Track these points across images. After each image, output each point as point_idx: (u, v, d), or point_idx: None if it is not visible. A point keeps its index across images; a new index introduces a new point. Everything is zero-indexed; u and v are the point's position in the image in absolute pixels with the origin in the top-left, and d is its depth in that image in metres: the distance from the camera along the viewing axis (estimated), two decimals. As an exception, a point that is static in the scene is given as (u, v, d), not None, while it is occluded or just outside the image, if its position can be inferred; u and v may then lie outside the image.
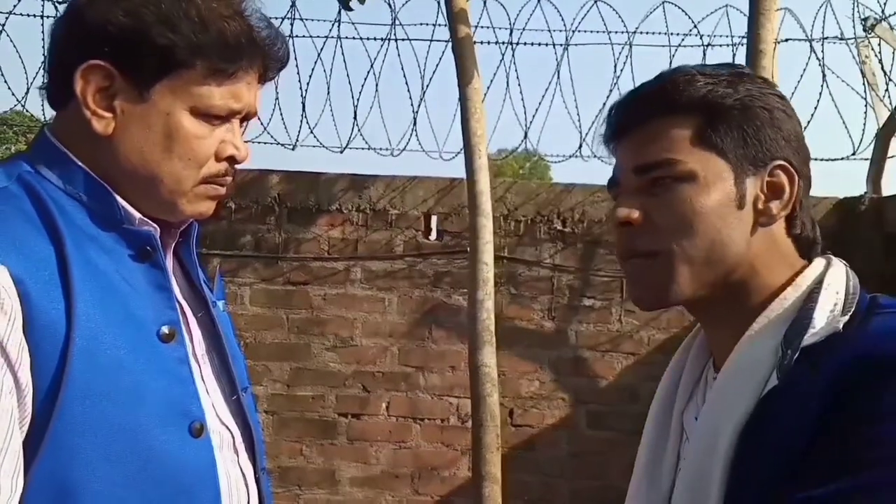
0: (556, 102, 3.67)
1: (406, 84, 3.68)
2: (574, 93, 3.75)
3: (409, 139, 3.74)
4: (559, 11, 3.67)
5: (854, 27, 3.57)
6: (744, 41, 2.84)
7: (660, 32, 3.67)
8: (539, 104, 3.69)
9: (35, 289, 0.81)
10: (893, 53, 3.51)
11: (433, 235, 3.55)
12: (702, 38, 3.70)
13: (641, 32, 3.65)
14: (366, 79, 3.70)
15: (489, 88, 3.42)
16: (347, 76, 3.68)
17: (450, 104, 3.17)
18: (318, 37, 3.69)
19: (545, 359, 3.52)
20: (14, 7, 3.62)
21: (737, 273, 0.85)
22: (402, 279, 3.54)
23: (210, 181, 0.96)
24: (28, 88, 3.59)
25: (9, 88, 3.65)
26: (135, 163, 0.92)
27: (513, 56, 3.72)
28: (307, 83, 3.66)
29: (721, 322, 0.88)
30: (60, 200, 0.89)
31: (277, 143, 3.79)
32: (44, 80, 0.98)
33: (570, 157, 3.85)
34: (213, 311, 1.04)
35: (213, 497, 0.93)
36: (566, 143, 3.93)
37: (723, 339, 0.87)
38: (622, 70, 3.62)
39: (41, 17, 3.64)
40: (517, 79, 3.76)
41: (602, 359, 3.51)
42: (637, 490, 0.96)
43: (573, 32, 3.65)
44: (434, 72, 3.69)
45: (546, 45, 3.69)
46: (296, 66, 3.49)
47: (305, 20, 3.72)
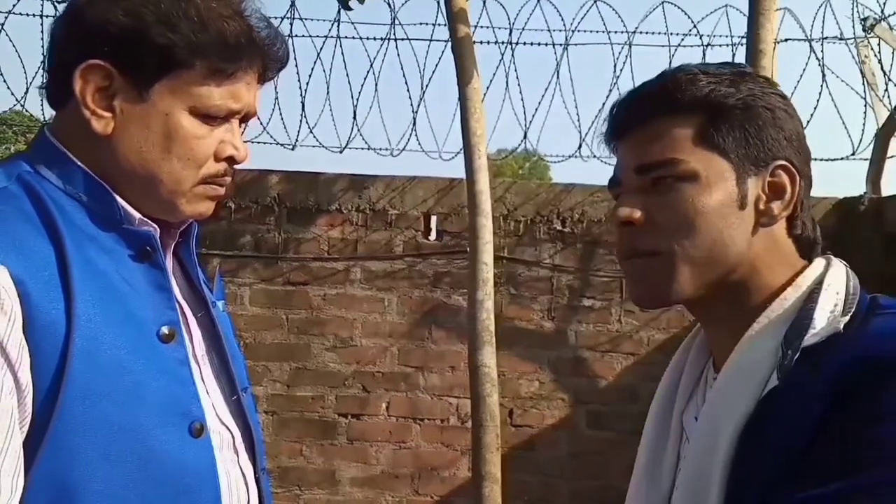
0: (556, 102, 3.68)
1: (406, 84, 3.68)
2: (574, 93, 3.75)
3: (409, 139, 3.75)
4: (559, 11, 3.67)
5: (854, 27, 3.58)
6: (743, 41, 2.84)
7: (659, 32, 3.68)
8: (539, 104, 3.70)
9: (35, 289, 0.80)
10: (893, 53, 3.51)
11: (433, 235, 3.55)
12: (701, 38, 3.71)
13: (641, 32, 3.66)
14: (365, 79, 3.70)
15: (489, 88, 3.42)
16: (347, 76, 3.69)
17: (449, 104, 3.17)
18: (318, 36, 3.69)
19: (545, 359, 3.52)
20: (13, 6, 3.62)
21: (737, 273, 0.85)
22: (402, 279, 3.54)
23: (209, 181, 0.96)
24: (27, 88, 3.60)
25: (8, 88, 3.65)
26: (134, 163, 0.92)
27: (512, 56, 3.73)
28: (307, 83, 3.67)
29: (721, 322, 0.88)
30: (60, 200, 0.89)
31: (277, 143, 3.79)
32: (43, 80, 0.98)
33: (570, 157, 3.86)
34: (213, 312, 1.04)
35: (214, 497, 0.93)
36: (566, 143, 3.93)
37: (723, 339, 0.87)
38: (622, 70, 3.63)
39: (40, 17, 3.64)
40: (517, 79, 3.78)
41: (602, 359, 3.51)
42: (637, 490, 0.96)
43: (573, 32, 3.66)
44: (434, 72, 3.69)
45: (546, 45, 3.69)
46: (295, 66, 3.49)
47: (305, 20, 3.73)
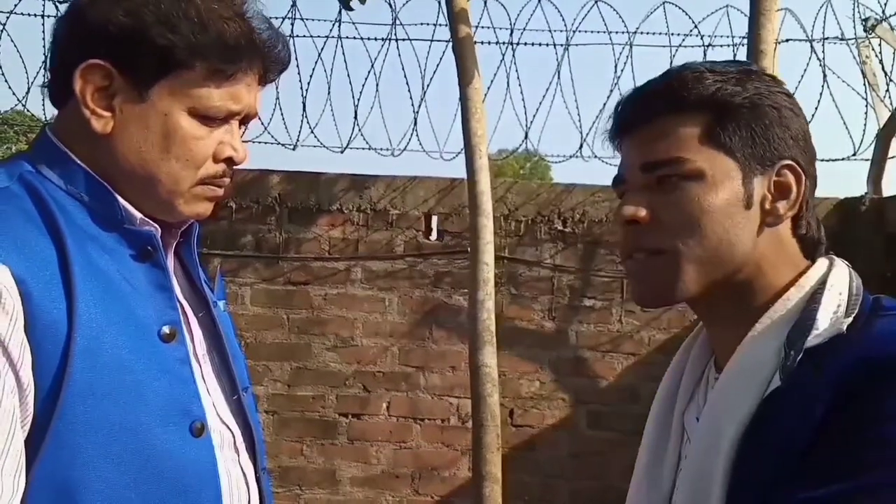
0: (557, 102, 3.67)
1: (407, 84, 3.68)
2: (574, 93, 3.75)
3: (410, 139, 3.75)
4: (560, 11, 3.67)
5: (854, 27, 3.58)
6: (744, 41, 2.85)
7: (660, 33, 3.68)
8: (539, 104, 3.70)
9: (37, 288, 0.81)
10: (894, 54, 3.51)
11: (434, 235, 3.55)
12: (702, 39, 3.71)
13: (642, 32, 3.65)
14: (366, 79, 3.70)
15: (490, 88, 3.42)
16: (348, 76, 3.69)
17: (450, 104, 3.17)
18: (319, 37, 3.69)
19: (545, 359, 3.52)
20: (15, 6, 3.62)
21: (742, 273, 0.84)
22: (403, 279, 3.54)
23: (208, 182, 0.96)
24: (29, 88, 3.61)
25: (9, 88, 3.66)
26: (133, 162, 0.92)
27: (513, 56, 3.72)
28: (308, 83, 3.67)
29: (724, 321, 0.88)
30: (61, 200, 0.89)
31: (278, 143, 3.79)
32: (44, 79, 0.98)
33: (571, 158, 3.86)
34: (214, 311, 1.04)
35: (214, 496, 0.93)
36: (567, 144, 3.93)
37: (725, 339, 0.87)
38: (623, 70, 3.63)
39: (42, 17, 3.65)
40: (518, 79, 3.76)
41: (602, 359, 3.51)
42: (638, 490, 0.96)
43: (574, 32, 3.65)
44: (434, 72, 3.70)
45: (546, 46, 3.69)
46: (297, 66, 3.49)
47: (306, 20, 3.73)
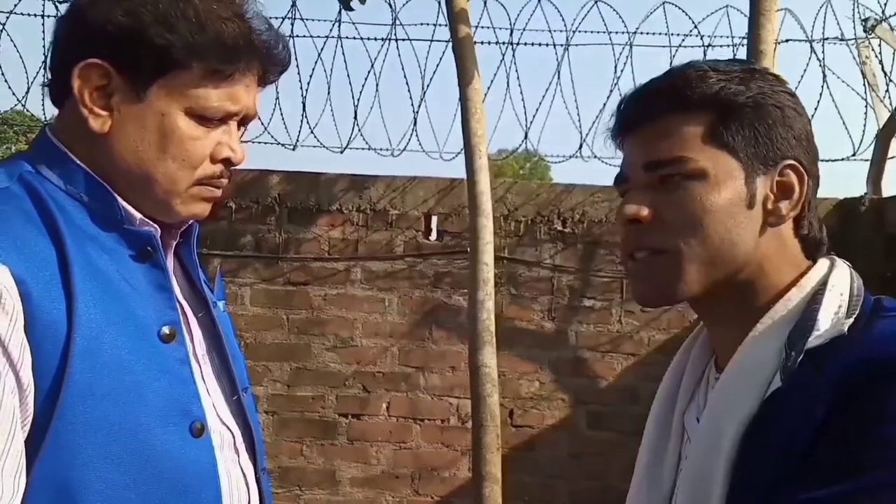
0: (557, 103, 3.68)
1: (406, 84, 3.68)
2: (574, 93, 3.75)
3: (410, 139, 3.75)
4: (559, 12, 3.68)
5: (854, 28, 3.58)
6: (744, 42, 2.85)
7: (660, 33, 3.68)
8: (539, 104, 3.70)
9: (36, 289, 0.81)
10: (894, 54, 3.51)
11: (433, 236, 3.55)
12: (702, 39, 3.71)
13: (642, 33, 3.66)
14: (366, 79, 3.70)
15: (489, 89, 3.42)
16: (348, 76, 3.69)
17: (450, 104, 3.17)
18: (319, 37, 3.69)
19: (545, 359, 3.52)
20: (15, 6, 3.62)
21: (744, 273, 0.84)
22: (403, 279, 3.54)
23: (205, 183, 0.96)
24: (28, 88, 3.60)
25: (9, 88, 3.66)
26: (130, 162, 0.92)
27: (513, 56, 3.72)
28: (307, 83, 3.67)
29: (725, 321, 0.88)
30: (61, 200, 0.89)
31: (278, 144, 3.79)
32: (44, 79, 0.98)
33: (571, 158, 3.86)
34: (214, 312, 1.04)
35: (214, 497, 0.93)
36: (566, 144, 3.93)
37: (726, 339, 0.87)
38: (623, 70, 3.63)
39: (42, 17, 3.65)
40: (517, 79, 3.77)
41: (602, 359, 3.51)
42: (638, 490, 0.95)
43: (573, 33, 3.66)
44: (434, 72, 3.70)
45: (546, 46, 3.70)
46: (296, 67, 3.48)
47: (306, 20, 3.73)
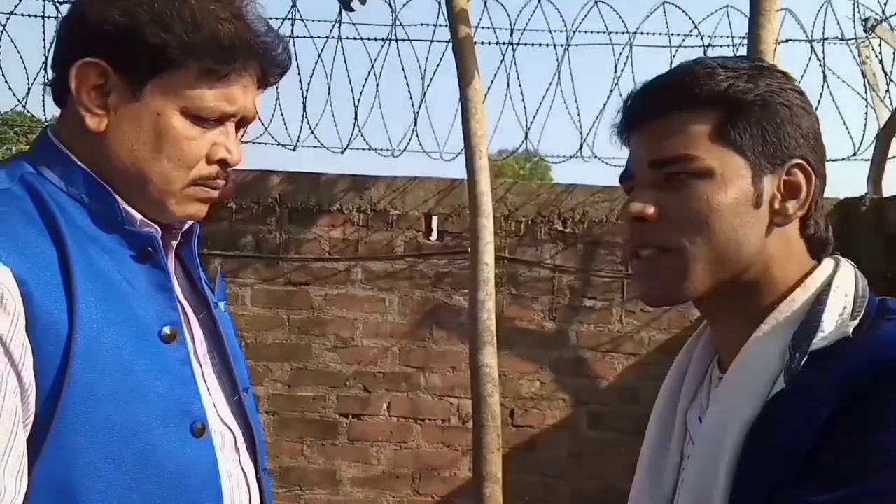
0: (557, 103, 3.68)
1: (407, 84, 3.68)
2: (575, 93, 3.74)
3: (410, 140, 3.75)
4: (560, 12, 3.67)
5: (854, 28, 3.58)
6: (744, 42, 2.84)
7: (660, 33, 3.68)
8: (539, 104, 3.70)
9: (38, 289, 0.81)
10: (894, 54, 3.51)
11: (434, 236, 3.55)
12: (702, 39, 3.71)
13: (642, 33, 3.66)
14: (366, 79, 3.70)
15: (490, 89, 3.42)
16: (348, 76, 3.69)
17: (450, 105, 3.18)
18: (319, 37, 3.69)
19: (546, 359, 3.52)
20: (15, 7, 3.63)
21: (749, 273, 0.84)
22: (403, 280, 3.54)
23: (200, 183, 0.96)
24: (29, 89, 3.60)
25: (10, 89, 3.66)
26: (125, 160, 0.92)
27: (513, 56, 3.72)
28: (308, 84, 3.67)
29: (729, 321, 0.87)
30: (62, 201, 0.90)
31: (278, 144, 3.79)
32: (44, 80, 0.98)
33: (571, 158, 3.86)
34: (215, 312, 1.04)
35: (215, 497, 0.93)
36: (567, 144, 3.93)
37: (730, 338, 0.86)
38: (623, 70, 3.64)
39: (42, 18, 3.65)
40: (518, 79, 3.76)
41: (603, 359, 3.51)
42: (640, 489, 0.95)
43: (574, 33, 3.65)
44: (435, 72, 3.70)
45: (547, 46, 3.69)
46: (297, 67, 3.48)
47: (306, 20, 3.73)
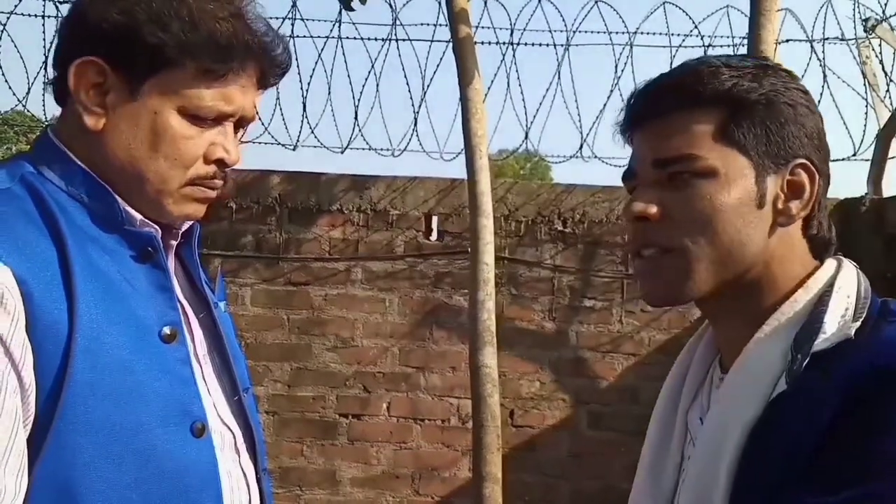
0: (557, 103, 3.68)
1: (407, 84, 3.68)
2: (575, 93, 3.73)
3: (410, 139, 3.75)
4: (560, 12, 3.67)
5: (855, 28, 3.58)
6: (744, 42, 2.85)
7: (660, 33, 3.68)
8: (540, 104, 3.70)
9: (38, 289, 0.81)
10: (894, 54, 3.51)
11: (434, 236, 3.55)
12: (702, 39, 3.70)
13: (642, 33, 3.65)
14: (366, 79, 3.70)
15: (490, 89, 3.42)
16: (348, 76, 3.69)
17: (451, 105, 3.18)
18: (319, 37, 3.69)
19: (546, 359, 3.52)
20: (15, 7, 3.63)
21: (752, 273, 0.83)
22: (403, 280, 3.54)
23: (198, 183, 0.96)
24: (29, 88, 3.60)
25: (10, 88, 3.66)
26: (122, 159, 0.92)
27: (514, 56, 3.72)
28: (308, 83, 3.67)
29: (731, 321, 0.87)
30: (62, 201, 0.90)
31: (278, 144, 3.79)
32: (45, 79, 0.99)
33: (571, 158, 3.86)
34: (215, 312, 1.04)
35: (215, 497, 0.93)
36: (567, 144, 3.93)
37: (732, 339, 0.86)
38: (623, 70, 3.63)
39: (42, 17, 3.65)
40: (518, 79, 3.76)
41: (602, 359, 3.51)
42: (641, 489, 0.95)
43: (574, 33, 3.65)
44: (435, 72, 3.70)
45: (547, 46, 3.69)
46: (297, 67, 3.48)
47: (306, 20, 3.73)
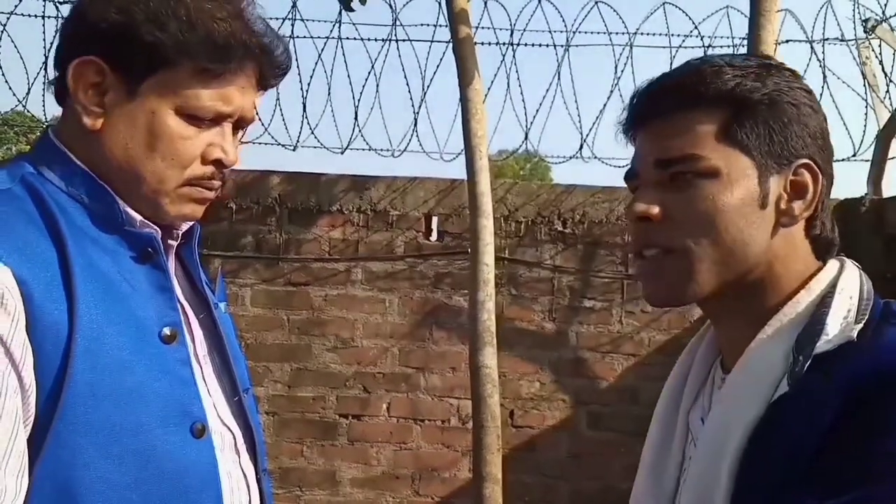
0: (557, 103, 3.68)
1: (407, 85, 3.68)
2: (575, 94, 3.74)
3: (410, 140, 3.75)
4: (560, 12, 3.68)
5: (855, 28, 3.58)
6: (744, 42, 2.85)
7: (660, 34, 3.69)
8: (539, 105, 3.71)
9: (38, 290, 0.81)
10: (894, 54, 3.51)
11: (434, 236, 3.56)
12: (702, 40, 3.71)
13: (642, 33, 3.66)
14: (367, 79, 3.70)
15: (490, 89, 3.42)
16: (348, 77, 3.69)
17: (451, 105, 3.18)
18: (319, 37, 3.70)
19: (545, 360, 3.52)
20: (15, 7, 3.63)
21: (754, 273, 0.83)
22: (403, 280, 3.54)
23: (195, 183, 0.96)
24: (29, 89, 3.60)
25: (10, 89, 3.66)
26: (119, 159, 0.92)
27: (513, 57, 3.73)
28: (308, 84, 3.67)
29: (733, 321, 0.87)
30: (63, 202, 0.90)
31: (278, 144, 3.80)
32: (45, 80, 0.99)
33: (571, 159, 3.86)
34: (215, 313, 1.04)
35: (215, 497, 0.93)
36: (567, 144, 3.93)
37: (734, 339, 0.86)
38: (623, 71, 3.63)
39: (42, 18, 3.65)
40: (518, 80, 3.76)
41: (602, 360, 3.51)
42: (642, 489, 0.95)
43: (574, 33, 3.66)
44: (435, 73, 3.70)
45: (547, 46, 3.70)
46: (297, 67, 3.48)
47: (306, 21, 3.73)
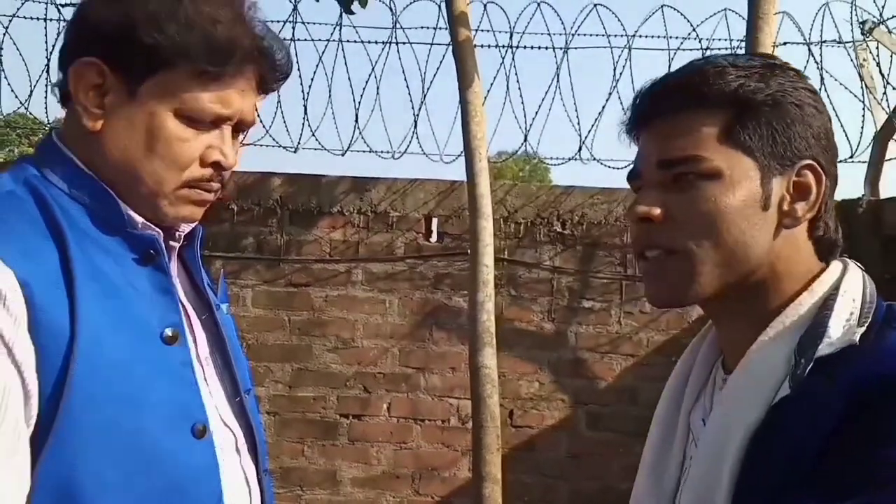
0: (556, 105, 3.69)
1: (407, 87, 3.69)
2: (574, 96, 3.74)
3: (410, 142, 3.76)
4: (559, 15, 3.69)
5: (852, 31, 3.58)
6: (742, 45, 2.86)
7: (659, 36, 3.68)
8: (539, 107, 3.70)
9: (40, 291, 0.82)
10: (891, 57, 3.52)
11: (434, 237, 3.57)
12: (700, 42, 3.71)
13: (641, 36, 3.66)
14: (367, 82, 3.71)
15: (489, 91, 3.43)
16: (349, 79, 3.70)
17: (450, 107, 3.19)
18: (320, 40, 3.70)
19: (545, 360, 3.53)
20: (17, 10, 3.64)
21: (757, 275, 0.83)
22: (403, 281, 3.55)
23: (194, 185, 0.96)
24: (31, 91, 3.62)
25: (12, 91, 3.67)
26: (118, 160, 0.93)
27: (513, 59, 3.73)
28: (309, 86, 3.68)
29: (735, 322, 0.86)
30: (65, 204, 0.90)
31: (279, 146, 3.80)
32: (47, 80, 1.00)
33: (570, 160, 3.86)
34: (217, 314, 1.05)
35: (216, 498, 0.94)
36: (566, 146, 3.94)
37: (736, 340, 0.86)
38: (621, 73, 3.64)
39: (44, 20, 3.66)
40: (517, 82, 3.76)
41: (601, 360, 3.52)
42: (643, 489, 0.95)
43: (573, 36, 3.66)
44: (435, 75, 3.71)
45: (546, 49, 3.71)
46: (298, 70, 3.50)
47: (307, 24, 3.74)
